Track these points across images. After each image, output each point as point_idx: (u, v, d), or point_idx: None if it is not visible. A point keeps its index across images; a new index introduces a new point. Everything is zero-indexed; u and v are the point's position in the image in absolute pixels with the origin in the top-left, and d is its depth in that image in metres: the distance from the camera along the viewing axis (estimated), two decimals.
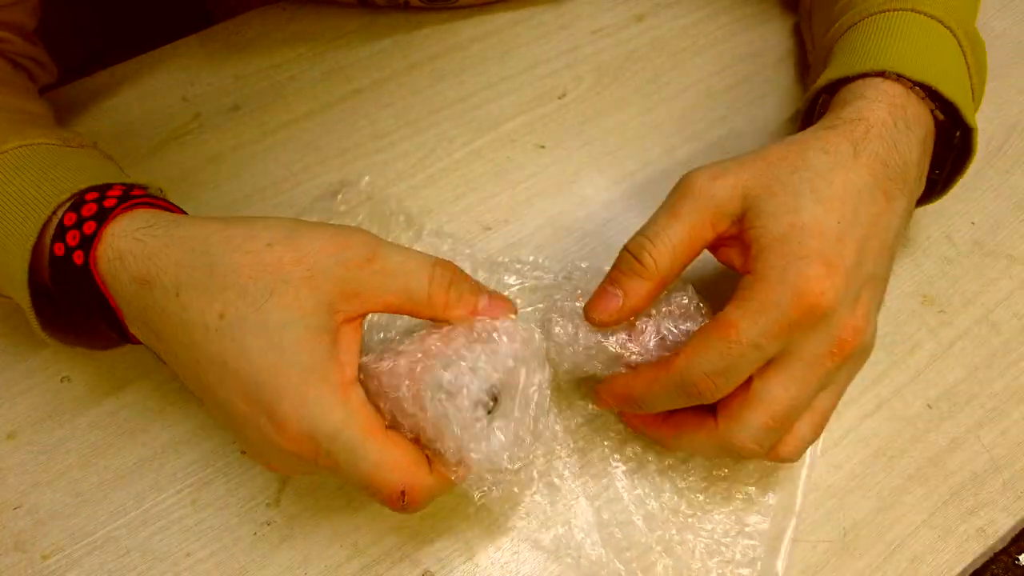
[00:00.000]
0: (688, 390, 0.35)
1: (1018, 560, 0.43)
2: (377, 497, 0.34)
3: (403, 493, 0.33)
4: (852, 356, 0.36)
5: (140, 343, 0.38)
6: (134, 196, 0.37)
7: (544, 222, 0.51)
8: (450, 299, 0.35)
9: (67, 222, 0.36)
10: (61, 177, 0.38)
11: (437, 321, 0.36)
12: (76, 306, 0.37)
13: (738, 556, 0.40)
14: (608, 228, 0.50)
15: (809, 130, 0.40)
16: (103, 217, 0.35)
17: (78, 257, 0.35)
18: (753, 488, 0.41)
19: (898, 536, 0.40)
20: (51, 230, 0.36)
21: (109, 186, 0.37)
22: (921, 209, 0.51)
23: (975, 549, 0.40)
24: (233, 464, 0.42)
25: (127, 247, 0.35)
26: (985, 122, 0.55)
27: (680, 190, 0.38)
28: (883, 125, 0.39)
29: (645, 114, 0.55)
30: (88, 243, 0.35)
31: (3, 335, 0.46)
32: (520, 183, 0.53)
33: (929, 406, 0.44)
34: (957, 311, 0.47)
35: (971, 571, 0.41)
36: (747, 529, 0.40)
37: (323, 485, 0.42)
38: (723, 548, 0.40)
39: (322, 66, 0.58)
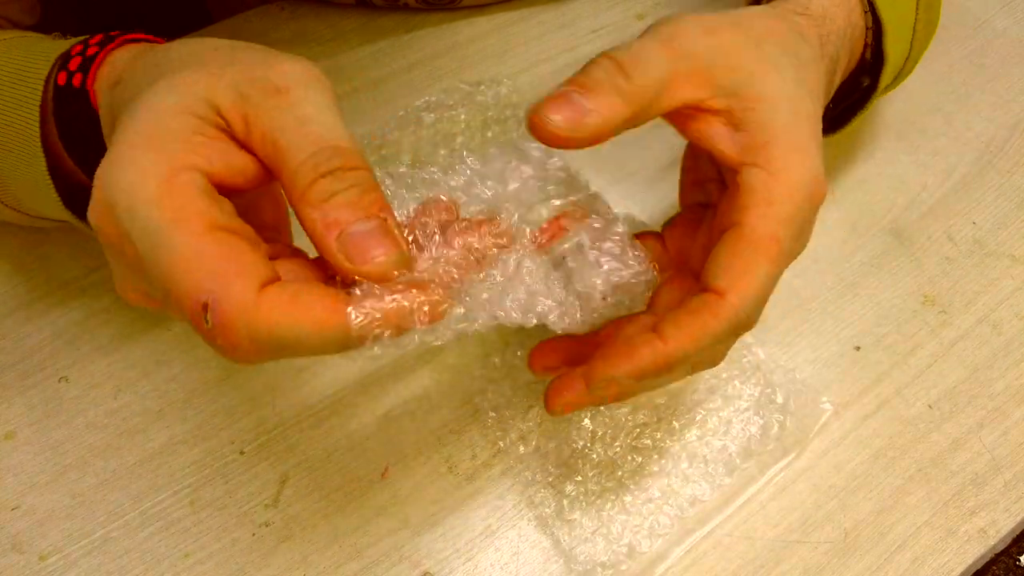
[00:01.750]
0: (740, 330, 0.31)
1: (1019, 561, 0.43)
2: (180, 313, 0.25)
3: (205, 306, 0.24)
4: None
5: None
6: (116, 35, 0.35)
7: None
8: (319, 189, 0.26)
9: (72, 52, 0.35)
10: (42, 46, 0.36)
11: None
12: (79, 145, 0.34)
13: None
14: None
15: (783, 8, 0.36)
16: (105, 44, 0.34)
17: (77, 79, 0.33)
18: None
19: (899, 537, 0.40)
20: (52, 81, 0.34)
21: (89, 38, 0.36)
22: (922, 209, 0.51)
23: (976, 550, 0.40)
24: (231, 465, 0.42)
25: (119, 56, 0.33)
26: (986, 122, 0.55)
27: (668, 30, 0.32)
28: (839, 33, 0.37)
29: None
30: (88, 64, 0.33)
31: (1, 335, 0.46)
32: None
33: (930, 406, 0.44)
34: (958, 311, 0.47)
35: (972, 572, 0.41)
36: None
37: (323, 485, 0.42)
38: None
39: (320, 65, 0.57)
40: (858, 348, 0.46)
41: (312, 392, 0.44)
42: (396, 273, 0.26)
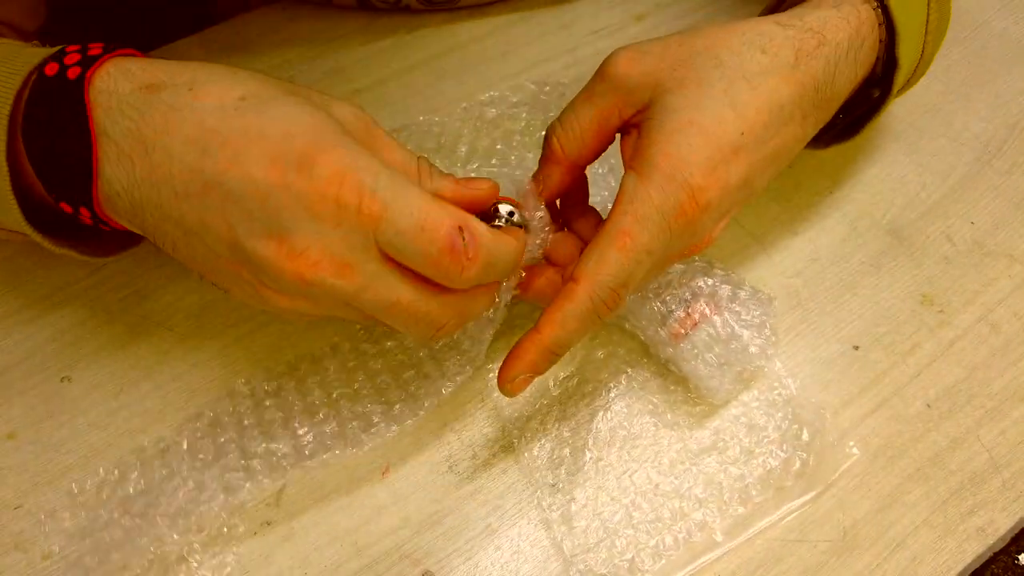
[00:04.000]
0: (600, 310, 0.35)
1: (1018, 560, 0.43)
2: (435, 243, 0.31)
3: (461, 229, 0.31)
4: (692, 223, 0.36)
5: (100, 216, 0.35)
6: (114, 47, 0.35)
7: None
8: (434, 177, 0.35)
9: (68, 48, 0.34)
10: (30, 52, 0.35)
11: None
12: (44, 140, 0.33)
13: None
14: None
15: (756, 20, 0.38)
16: (109, 49, 0.34)
17: (72, 72, 0.32)
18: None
19: (898, 536, 0.40)
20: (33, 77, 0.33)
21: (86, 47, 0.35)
22: (921, 209, 0.51)
23: (975, 549, 0.40)
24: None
25: (138, 66, 0.33)
26: (984, 122, 0.55)
27: (601, 69, 0.38)
28: (837, 47, 0.37)
29: None
30: (89, 63, 0.33)
31: (2, 336, 0.46)
32: None
33: (929, 406, 0.44)
34: (957, 311, 0.47)
35: (971, 571, 0.41)
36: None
37: (323, 485, 0.42)
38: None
39: (322, 66, 0.58)
40: (857, 348, 0.46)
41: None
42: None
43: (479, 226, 0.33)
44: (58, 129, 0.32)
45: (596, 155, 0.39)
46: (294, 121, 0.31)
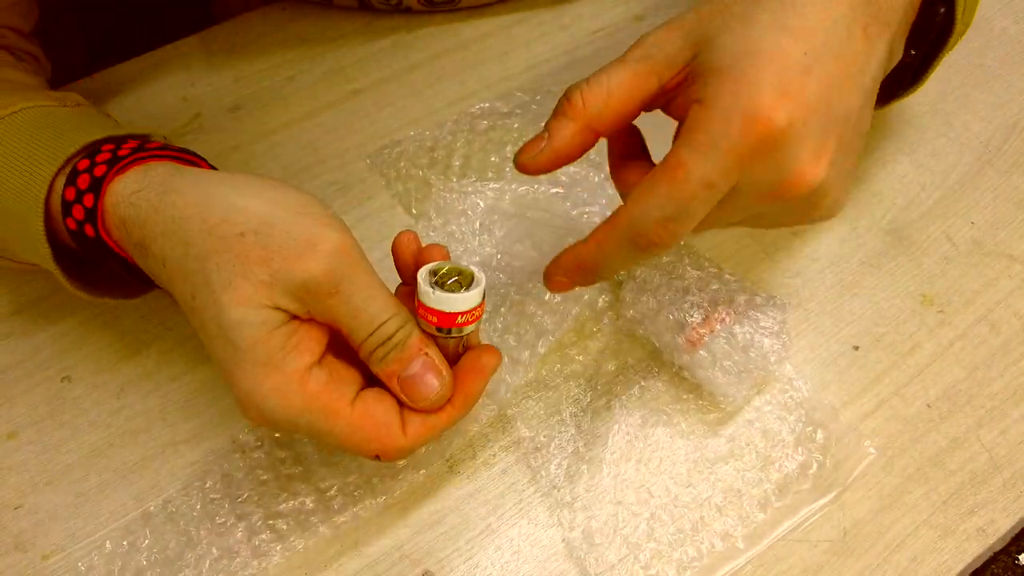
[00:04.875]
0: (639, 241, 0.33)
1: (1018, 560, 0.43)
2: (352, 453, 0.36)
3: (377, 456, 0.35)
4: (795, 202, 0.33)
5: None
6: (121, 157, 0.37)
7: None
8: (377, 355, 0.35)
9: (68, 197, 0.37)
10: (53, 141, 0.39)
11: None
12: (104, 264, 0.39)
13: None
14: None
15: None
16: (98, 188, 0.36)
17: (89, 230, 0.37)
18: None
19: (898, 536, 0.40)
20: (56, 198, 0.38)
21: (98, 150, 0.38)
22: (921, 209, 0.51)
23: (975, 549, 0.40)
24: (233, 465, 0.42)
25: (126, 214, 0.36)
26: (984, 122, 0.55)
27: (637, 41, 0.36)
28: None
29: (645, 113, 0.55)
30: (93, 217, 0.37)
31: (4, 335, 0.46)
32: None
33: (929, 406, 0.44)
34: (957, 311, 0.47)
35: (971, 571, 0.41)
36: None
37: (324, 484, 0.42)
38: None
39: (322, 66, 0.58)
40: (857, 348, 0.46)
41: None
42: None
43: (395, 446, 0.35)
44: (108, 261, 0.38)
45: (620, 120, 0.36)
46: (220, 347, 0.34)
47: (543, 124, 0.36)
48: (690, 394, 0.44)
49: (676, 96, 0.35)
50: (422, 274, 0.35)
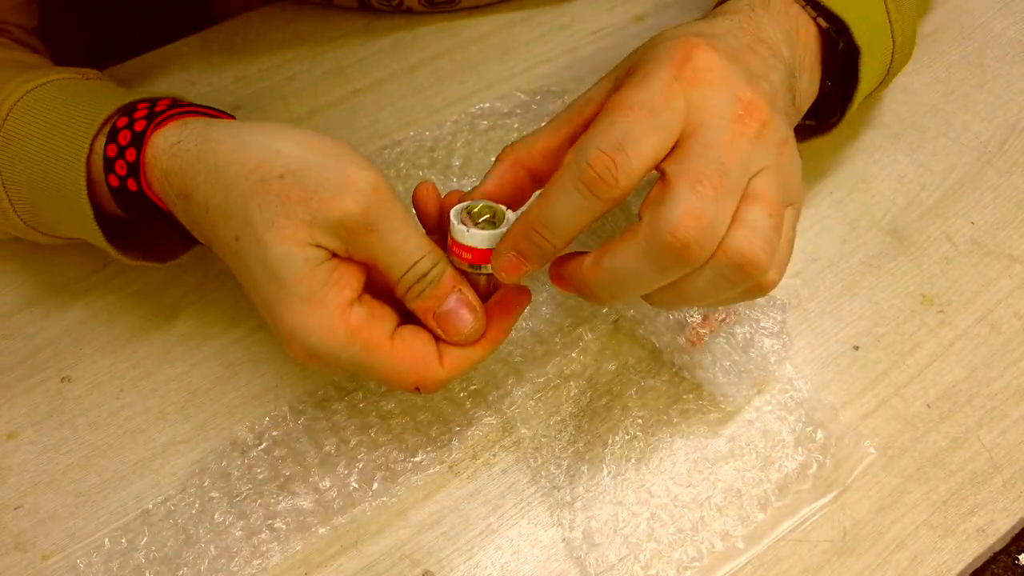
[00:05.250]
0: (584, 176, 0.31)
1: (1018, 560, 0.43)
2: (394, 387, 0.38)
3: (417, 388, 0.36)
4: (764, 128, 0.33)
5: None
6: (158, 112, 0.39)
7: None
8: (413, 292, 0.35)
9: (110, 153, 0.38)
10: (88, 105, 0.40)
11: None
12: (146, 222, 0.40)
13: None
14: None
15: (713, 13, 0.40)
16: (140, 142, 0.38)
17: (132, 184, 0.38)
18: None
19: (898, 536, 0.40)
20: (97, 158, 0.39)
21: (134, 107, 0.39)
22: (921, 209, 0.51)
23: (975, 549, 0.40)
24: (231, 463, 0.42)
25: (168, 165, 0.37)
26: (984, 122, 0.55)
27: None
28: (750, 14, 0.39)
29: None
30: (136, 171, 0.38)
31: (4, 335, 0.46)
32: None
33: (929, 406, 0.44)
34: (957, 311, 0.47)
35: (971, 571, 0.41)
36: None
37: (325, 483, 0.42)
38: None
39: (322, 66, 0.58)
40: (857, 348, 0.46)
41: (313, 391, 0.44)
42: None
43: (435, 376, 0.36)
44: (146, 218, 0.39)
45: (546, 163, 0.37)
46: (264, 284, 0.35)
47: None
48: (690, 394, 0.44)
49: None
50: (455, 212, 0.36)
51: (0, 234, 0.46)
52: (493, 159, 0.47)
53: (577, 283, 0.35)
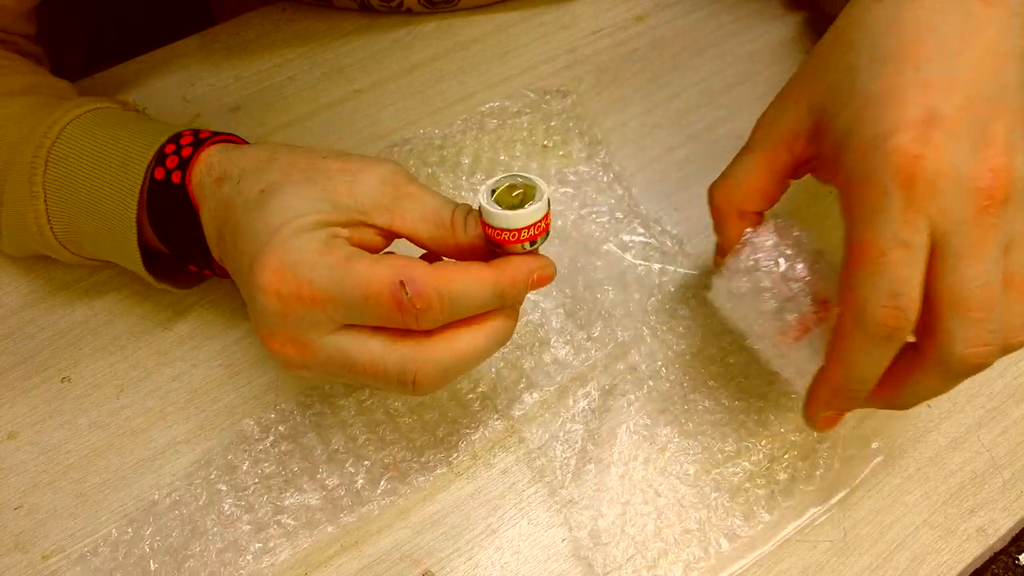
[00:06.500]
0: (874, 332, 0.31)
1: (1018, 560, 0.43)
2: (380, 305, 0.32)
3: (402, 283, 0.32)
4: (1011, 199, 0.30)
5: (217, 273, 0.42)
6: (203, 140, 0.40)
7: None
8: (468, 225, 0.35)
9: (166, 150, 0.40)
10: (143, 132, 0.41)
11: (449, 250, 0.36)
12: (167, 227, 0.40)
13: None
14: None
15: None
16: (198, 144, 0.39)
17: (176, 176, 0.39)
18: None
19: (898, 536, 0.40)
20: (146, 176, 0.40)
21: (180, 135, 0.40)
22: None
23: (975, 549, 0.40)
24: (238, 456, 0.42)
25: (215, 159, 0.38)
26: None
27: (756, 123, 0.38)
28: None
29: (645, 114, 0.55)
30: (185, 164, 0.39)
31: (4, 335, 0.46)
32: None
33: (929, 405, 0.44)
34: None
35: (971, 571, 0.41)
36: None
37: (325, 484, 0.42)
38: None
39: (322, 66, 0.58)
40: None
41: (319, 387, 0.44)
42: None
43: (421, 275, 0.32)
44: (179, 222, 0.39)
45: (768, 198, 0.37)
46: (277, 215, 0.34)
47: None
48: (697, 394, 0.44)
49: (817, 167, 0.36)
50: (483, 194, 0.34)
51: (22, 250, 0.46)
52: (502, 157, 0.47)
53: (840, 393, 0.34)
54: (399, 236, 0.36)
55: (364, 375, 0.34)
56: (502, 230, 0.33)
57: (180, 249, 0.41)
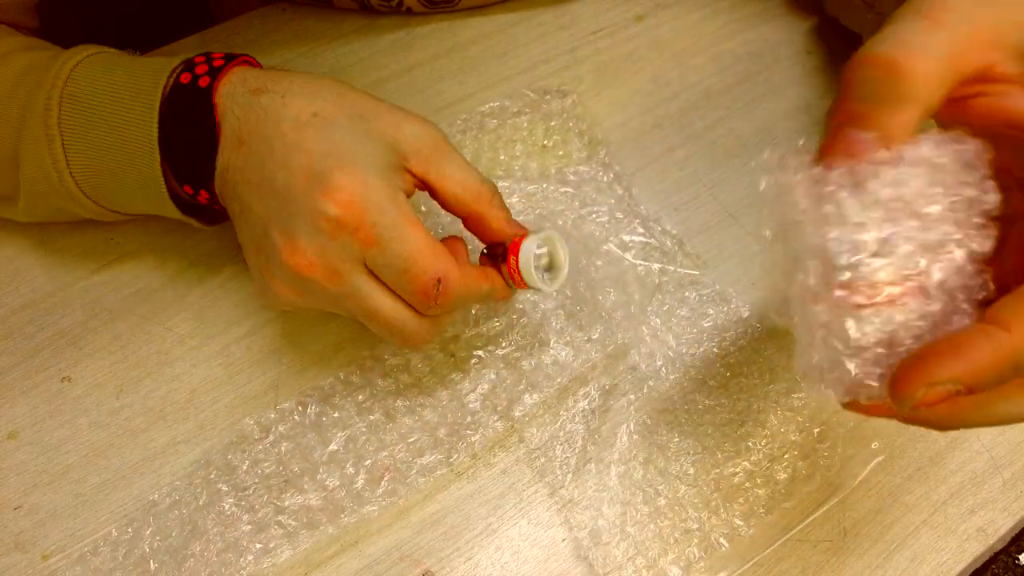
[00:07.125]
0: None
1: (1018, 560, 0.43)
2: (412, 285, 0.36)
3: (439, 280, 0.36)
4: None
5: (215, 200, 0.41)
6: (218, 68, 0.40)
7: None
8: (495, 202, 0.38)
9: (196, 60, 0.40)
10: (153, 63, 0.41)
11: (476, 223, 0.39)
12: (181, 134, 0.39)
13: None
14: None
15: None
16: (231, 58, 0.40)
17: (203, 82, 0.39)
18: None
19: (898, 536, 0.40)
20: (170, 83, 0.40)
21: (192, 63, 0.40)
22: None
23: (975, 549, 0.40)
24: (237, 456, 0.42)
25: (252, 74, 0.39)
26: None
27: (933, 4, 0.27)
28: None
29: (645, 114, 0.55)
30: (216, 73, 0.39)
31: (3, 335, 0.46)
32: None
33: None
34: None
35: (971, 571, 0.41)
36: None
37: (325, 484, 0.42)
38: None
39: (322, 66, 0.58)
40: None
41: (318, 387, 0.44)
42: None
43: (455, 279, 0.36)
44: (192, 124, 0.39)
45: (938, 91, 0.26)
46: (338, 144, 0.36)
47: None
48: (697, 394, 0.44)
49: (986, 97, 0.27)
50: (528, 257, 0.38)
51: (37, 212, 0.45)
52: (502, 157, 0.48)
53: (937, 420, 0.28)
54: (430, 189, 0.38)
55: (370, 318, 0.37)
56: (523, 280, 0.38)
57: (181, 159, 0.40)
